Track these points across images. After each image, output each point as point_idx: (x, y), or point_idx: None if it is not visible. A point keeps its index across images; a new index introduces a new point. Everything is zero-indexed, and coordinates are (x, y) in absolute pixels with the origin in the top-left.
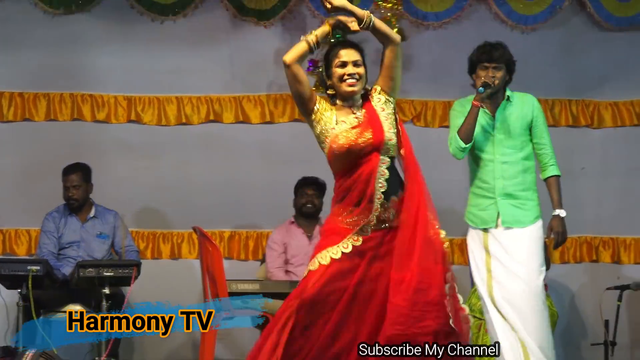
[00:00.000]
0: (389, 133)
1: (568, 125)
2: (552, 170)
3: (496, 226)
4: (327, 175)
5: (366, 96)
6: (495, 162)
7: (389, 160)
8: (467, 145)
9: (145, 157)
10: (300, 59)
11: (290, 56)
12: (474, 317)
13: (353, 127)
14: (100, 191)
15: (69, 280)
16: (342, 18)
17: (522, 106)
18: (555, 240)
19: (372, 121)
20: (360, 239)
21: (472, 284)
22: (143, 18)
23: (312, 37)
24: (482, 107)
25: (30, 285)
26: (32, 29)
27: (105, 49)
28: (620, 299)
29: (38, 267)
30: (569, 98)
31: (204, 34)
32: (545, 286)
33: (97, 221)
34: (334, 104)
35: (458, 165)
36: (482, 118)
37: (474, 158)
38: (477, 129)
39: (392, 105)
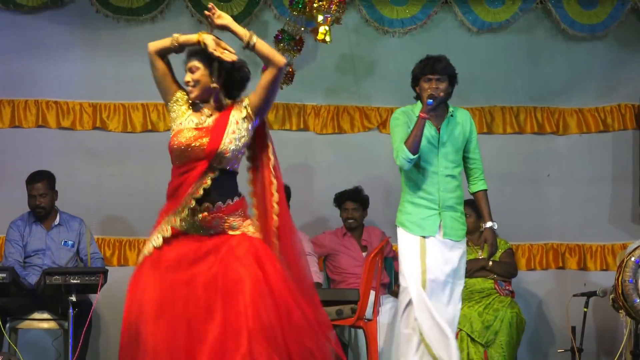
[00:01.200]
0: (226, 146)
1: (533, 133)
2: (482, 184)
3: (436, 235)
4: (296, 182)
5: (233, 103)
6: (439, 174)
7: (217, 172)
8: (415, 157)
9: (111, 164)
10: (161, 51)
11: (153, 45)
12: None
13: (195, 129)
14: (65, 198)
15: (35, 288)
16: (213, 41)
17: (462, 121)
18: (490, 252)
19: (216, 129)
20: (161, 238)
21: None
22: (108, 24)
23: (176, 38)
24: (428, 119)
25: None
26: None
27: (70, 55)
28: (587, 305)
29: (4, 275)
30: (534, 105)
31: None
32: (512, 293)
33: (62, 229)
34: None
35: None
36: (427, 131)
37: (418, 169)
38: (423, 141)
39: (250, 125)
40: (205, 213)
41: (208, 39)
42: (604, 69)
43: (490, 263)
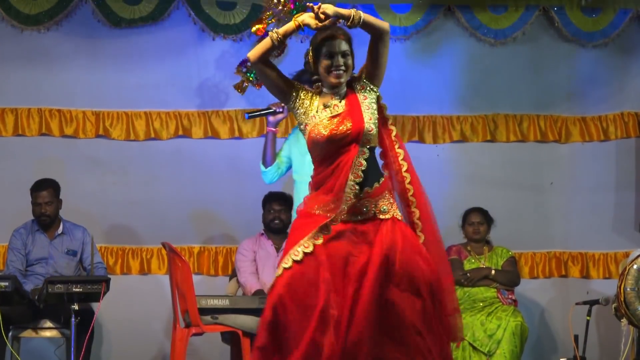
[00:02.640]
0: (369, 124)
1: (536, 141)
2: None
3: None
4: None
5: (350, 83)
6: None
7: (367, 151)
8: (267, 169)
9: (114, 173)
10: (264, 55)
11: (253, 53)
12: None
13: (333, 116)
14: (68, 207)
15: (30, 295)
16: (311, 18)
17: None
18: None
19: (353, 111)
20: (321, 238)
21: None
22: (111, 33)
23: (274, 35)
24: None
25: None
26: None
27: (73, 63)
28: (589, 313)
29: (6, 283)
30: (537, 113)
31: (172, 48)
32: (515, 302)
33: (65, 237)
34: (318, 91)
35: (427, 181)
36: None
37: (295, 179)
38: (294, 152)
39: (375, 95)
40: (364, 197)
41: (307, 19)
42: (606, 76)
43: (493, 272)
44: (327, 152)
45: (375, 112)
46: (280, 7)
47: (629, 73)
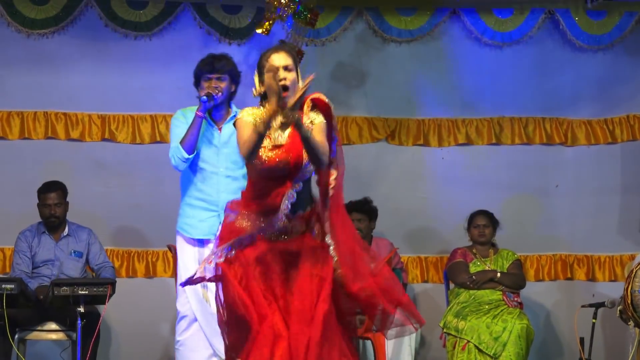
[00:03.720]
0: (305, 157)
1: (542, 143)
2: None
3: (212, 239)
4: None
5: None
6: (220, 175)
7: (301, 184)
8: (190, 156)
9: (119, 176)
10: (257, 150)
11: (245, 152)
12: (449, 334)
13: (275, 147)
14: (74, 210)
15: (36, 293)
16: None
17: None
18: None
19: (295, 144)
20: (234, 252)
21: (448, 302)
22: (116, 36)
23: (260, 127)
24: (206, 118)
25: (4, 304)
26: (5, 47)
27: (79, 67)
28: (595, 316)
29: (12, 286)
30: (542, 116)
31: (178, 52)
32: (521, 304)
33: (70, 239)
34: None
35: (433, 184)
36: (208, 130)
37: (196, 170)
38: (204, 141)
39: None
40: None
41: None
42: (612, 79)
43: (499, 274)
44: (263, 178)
45: None
46: (284, 8)
47: (635, 76)
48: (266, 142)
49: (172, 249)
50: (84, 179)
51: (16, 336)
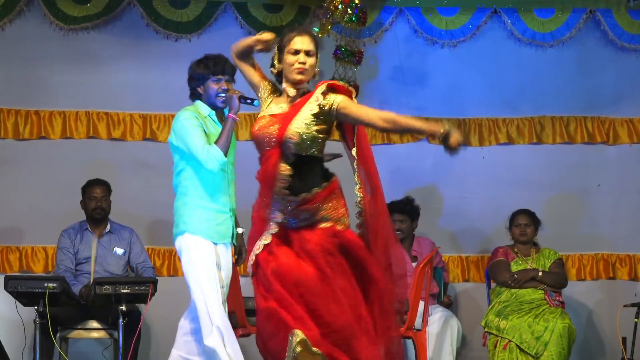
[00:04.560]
0: (295, 131)
1: (583, 142)
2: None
3: (229, 242)
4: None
5: (311, 92)
6: (228, 177)
7: (292, 157)
8: (226, 159)
9: (161, 175)
10: (243, 51)
11: (234, 46)
12: (490, 333)
13: (271, 116)
14: (116, 208)
15: (80, 297)
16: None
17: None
18: (244, 257)
19: (288, 115)
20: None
21: (489, 301)
22: (158, 36)
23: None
24: (235, 120)
25: (47, 303)
26: (47, 46)
27: (120, 66)
28: (637, 316)
29: (55, 284)
30: (584, 115)
31: (220, 52)
32: (562, 304)
33: (112, 236)
34: (275, 89)
35: (474, 183)
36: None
37: (209, 172)
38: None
39: (330, 118)
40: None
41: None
42: None
43: (540, 273)
44: (259, 151)
45: (314, 125)
46: (339, 13)
47: None
48: (266, 112)
49: None
50: (126, 179)
51: (58, 335)
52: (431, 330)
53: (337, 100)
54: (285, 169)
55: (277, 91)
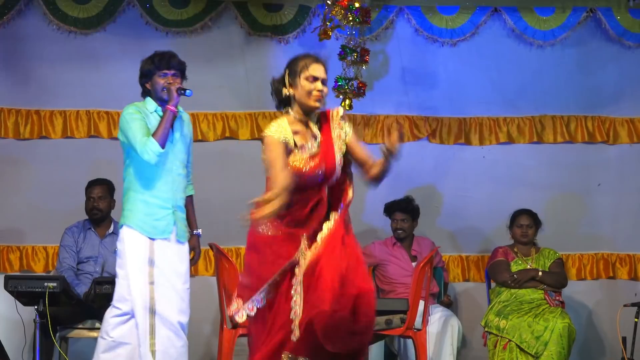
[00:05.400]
0: (339, 165)
1: (584, 142)
2: (192, 189)
3: (169, 238)
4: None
5: (324, 115)
6: (174, 173)
7: (327, 188)
8: (163, 151)
9: None
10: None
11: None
12: (490, 333)
13: (311, 157)
14: (117, 208)
15: (85, 299)
16: None
17: (188, 124)
18: (195, 259)
19: (327, 151)
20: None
21: (489, 301)
22: (158, 34)
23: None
24: (176, 114)
25: (47, 302)
26: (47, 45)
27: (121, 65)
28: (637, 315)
29: (55, 284)
30: (584, 114)
31: (219, 51)
32: (562, 303)
33: (115, 237)
34: (285, 112)
35: (474, 183)
36: None
37: (153, 166)
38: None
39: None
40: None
41: None
42: None
43: (540, 273)
44: (300, 188)
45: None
46: (340, 17)
47: None
48: (302, 152)
49: (214, 248)
50: None
51: (58, 334)
52: (431, 330)
53: (349, 131)
54: (325, 200)
55: (286, 129)
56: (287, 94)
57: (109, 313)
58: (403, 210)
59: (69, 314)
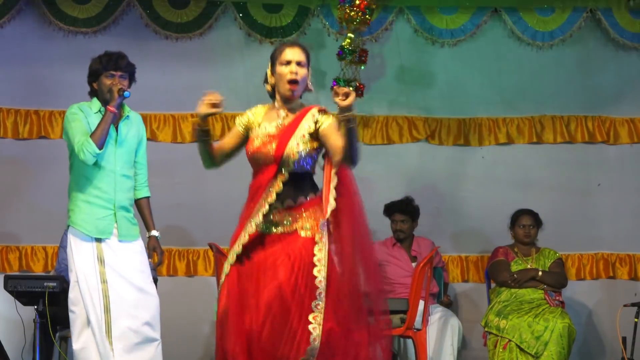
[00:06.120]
0: (293, 149)
1: (584, 142)
2: (147, 191)
3: (111, 237)
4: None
5: (305, 109)
6: (117, 173)
7: (287, 175)
8: (101, 151)
9: (160, 175)
10: (211, 155)
11: (205, 165)
12: (490, 333)
13: (265, 135)
14: None
15: None
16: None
17: (137, 125)
18: (160, 260)
19: (285, 134)
20: (247, 236)
21: (489, 301)
22: (158, 36)
23: (197, 129)
24: (116, 114)
25: (47, 302)
26: (47, 46)
27: None
28: (637, 315)
29: (55, 284)
30: (584, 114)
31: (219, 52)
32: (562, 303)
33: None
34: (270, 105)
35: (473, 183)
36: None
37: (96, 167)
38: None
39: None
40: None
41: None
42: None
43: (540, 273)
44: (254, 167)
45: (310, 142)
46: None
47: None
48: (261, 131)
49: (214, 248)
50: None
51: (58, 334)
52: (431, 330)
53: (326, 121)
54: (278, 185)
55: (259, 113)
56: (271, 86)
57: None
58: (403, 212)
59: (68, 314)
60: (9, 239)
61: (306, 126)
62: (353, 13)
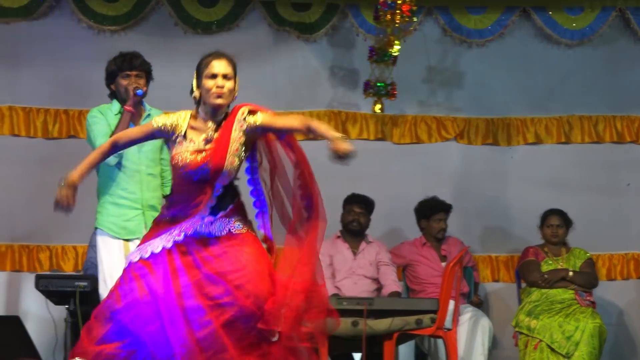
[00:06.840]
0: (229, 166)
1: (612, 142)
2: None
3: (141, 238)
4: (374, 192)
5: (232, 113)
6: (142, 173)
7: (221, 188)
8: (122, 152)
9: None
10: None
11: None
12: (521, 333)
13: (196, 151)
14: None
15: None
16: None
17: None
18: None
19: (218, 151)
20: (172, 241)
21: (520, 301)
22: (186, 35)
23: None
24: (134, 114)
25: (77, 302)
26: (76, 45)
27: None
28: None
29: (85, 283)
30: (613, 114)
31: (247, 50)
32: (593, 304)
33: None
34: (194, 113)
35: (502, 183)
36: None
37: (119, 168)
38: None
39: (254, 138)
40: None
41: None
42: None
43: (571, 273)
44: (182, 180)
45: (243, 153)
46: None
47: None
48: (190, 146)
49: None
50: None
51: None
52: (462, 329)
53: (258, 118)
54: (212, 202)
55: (185, 119)
56: (197, 96)
57: None
58: (445, 210)
59: None
60: (40, 239)
61: (237, 136)
62: (398, 17)
